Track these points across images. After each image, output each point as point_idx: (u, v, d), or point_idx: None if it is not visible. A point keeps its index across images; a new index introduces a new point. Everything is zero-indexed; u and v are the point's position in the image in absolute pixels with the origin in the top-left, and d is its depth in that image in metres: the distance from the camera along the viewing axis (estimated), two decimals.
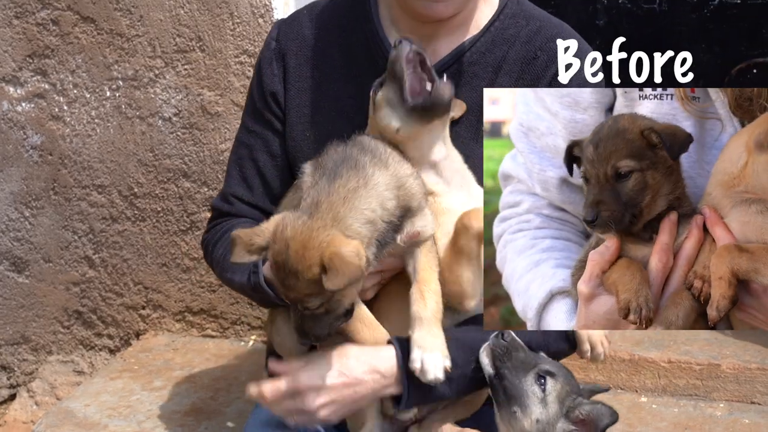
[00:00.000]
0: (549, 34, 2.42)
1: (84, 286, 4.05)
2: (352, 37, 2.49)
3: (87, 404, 3.50)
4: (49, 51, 3.80)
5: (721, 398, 3.32)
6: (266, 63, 2.55)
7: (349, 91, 2.48)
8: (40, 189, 3.97)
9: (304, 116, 2.52)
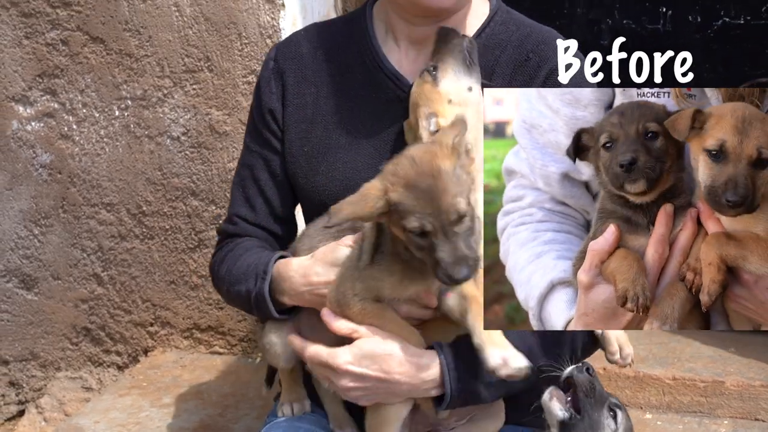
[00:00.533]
0: (539, 38, 2.45)
1: (92, 303, 4.09)
2: (347, 52, 2.54)
3: (96, 421, 3.53)
4: (59, 71, 3.84)
5: (725, 415, 3.34)
6: (264, 82, 2.59)
7: (345, 105, 2.51)
8: (49, 207, 4.01)
9: (301, 131, 2.55)
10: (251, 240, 2.60)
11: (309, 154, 2.54)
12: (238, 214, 2.62)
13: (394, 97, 2.46)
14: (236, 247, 2.58)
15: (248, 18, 3.56)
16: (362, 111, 2.50)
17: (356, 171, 2.45)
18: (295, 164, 2.56)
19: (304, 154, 2.54)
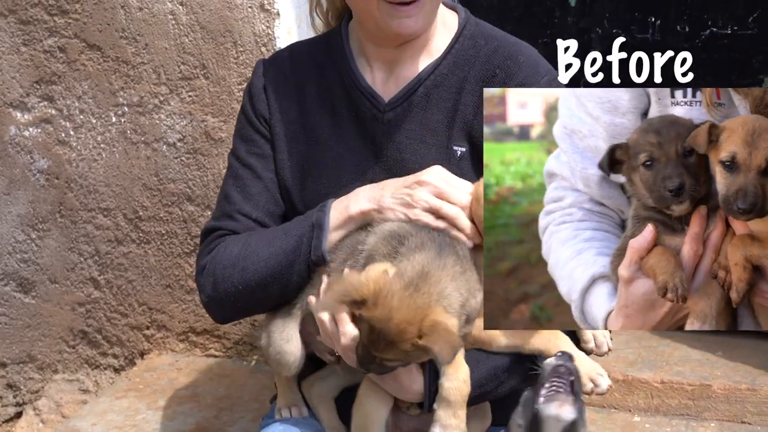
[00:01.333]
0: (506, 53, 2.49)
1: (89, 306, 4.13)
2: (327, 72, 2.59)
3: (94, 423, 3.57)
4: (56, 77, 3.88)
5: (711, 418, 3.39)
6: (258, 91, 2.63)
7: (326, 120, 2.56)
8: (46, 212, 4.05)
9: (285, 147, 2.59)
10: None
11: (294, 169, 2.59)
12: (240, 210, 2.58)
13: (371, 116, 2.52)
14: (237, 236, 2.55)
15: (243, 26, 3.60)
16: (343, 128, 2.55)
17: (340, 187, 2.49)
18: (281, 177, 2.60)
19: (290, 168, 2.59)
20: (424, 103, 2.49)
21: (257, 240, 2.48)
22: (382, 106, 2.51)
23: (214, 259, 2.53)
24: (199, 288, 2.60)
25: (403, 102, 2.50)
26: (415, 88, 2.50)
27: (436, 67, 2.50)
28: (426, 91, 2.49)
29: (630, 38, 3.55)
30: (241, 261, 2.47)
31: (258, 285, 2.46)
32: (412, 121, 2.50)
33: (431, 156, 2.46)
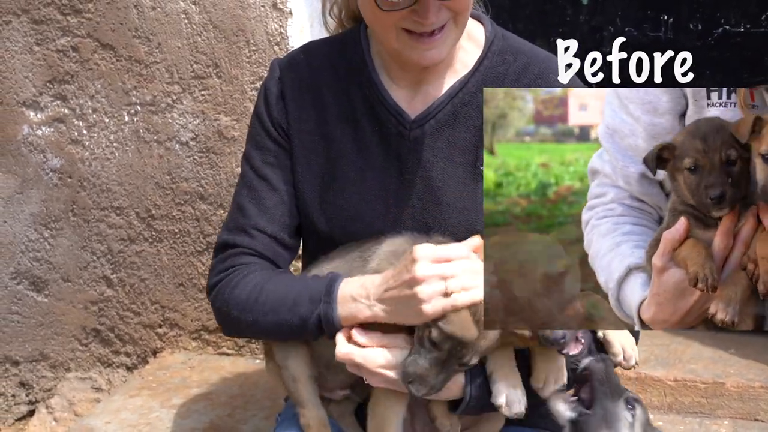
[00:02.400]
0: (537, 70, 2.43)
1: (102, 305, 4.14)
2: (347, 81, 2.51)
3: (108, 422, 3.57)
4: (69, 77, 3.89)
5: (725, 416, 3.39)
6: (275, 99, 2.54)
7: (348, 134, 2.49)
8: (59, 211, 4.05)
9: (303, 158, 2.52)
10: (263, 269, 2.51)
11: (314, 182, 2.52)
12: (256, 226, 2.51)
13: (396, 132, 2.46)
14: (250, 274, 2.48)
15: (256, 25, 3.60)
16: (367, 144, 2.48)
17: (365, 203, 2.46)
18: (298, 190, 2.54)
19: (308, 181, 2.52)
20: (451, 121, 2.44)
21: (266, 297, 2.41)
22: (408, 123, 2.44)
23: (224, 292, 2.49)
24: (211, 304, 2.58)
25: (431, 120, 2.44)
26: (442, 106, 2.43)
27: (465, 85, 2.44)
28: (454, 109, 2.44)
29: (642, 36, 3.55)
30: (249, 313, 2.43)
31: (267, 335, 2.49)
32: (439, 139, 2.44)
33: (458, 175, 2.42)
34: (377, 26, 2.34)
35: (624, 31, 3.56)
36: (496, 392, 2.22)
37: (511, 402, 2.21)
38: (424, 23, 2.24)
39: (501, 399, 2.21)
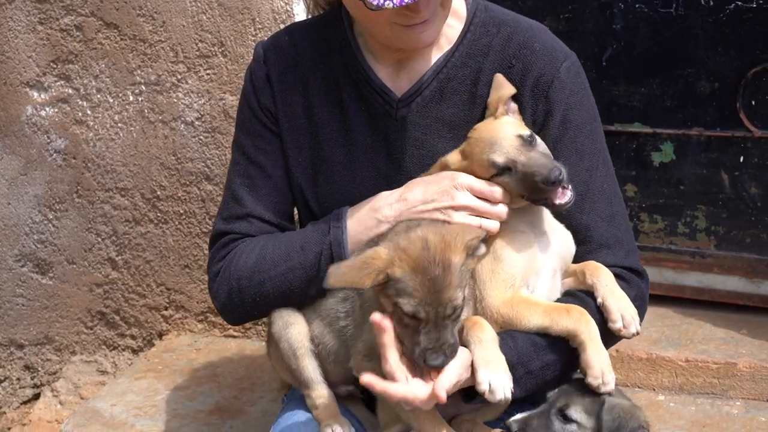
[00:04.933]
0: (521, 40, 2.39)
1: (107, 287, 4.11)
2: (332, 62, 2.47)
3: (113, 404, 3.56)
4: (73, 56, 3.85)
5: (737, 396, 3.36)
6: (261, 83, 2.52)
7: (335, 115, 2.47)
8: (63, 192, 4.03)
9: (293, 141, 2.50)
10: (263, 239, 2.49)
11: (303, 165, 2.50)
12: (252, 213, 2.50)
13: (383, 112, 2.44)
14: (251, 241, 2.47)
15: (262, 3, 3.56)
16: (353, 124, 2.46)
17: (354, 185, 2.45)
18: (293, 173, 2.52)
19: (299, 164, 2.50)
20: (438, 97, 2.41)
21: (273, 251, 2.41)
22: (395, 102, 2.42)
23: (229, 268, 2.47)
24: (212, 294, 2.55)
25: (417, 97, 2.41)
26: (428, 82, 2.41)
27: (449, 60, 2.41)
28: (439, 85, 2.41)
29: (653, 12, 3.51)
30: (257, 274, 2.42)
31: (277, 297, 2.42)
32: (427, 116, 2.42)
33: (448, 149, 2.37)
34: (367, 22, 2.32)
35: (635, 7, 3.51)
36: (479, 379, 2.15)
37: (495, 389, 2.14)
38: (415, 17, 2.22)
39: (484, 386, 2.14)
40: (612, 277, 2.30)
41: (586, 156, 2.40)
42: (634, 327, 2.26)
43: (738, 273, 3.66)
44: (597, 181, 2.40)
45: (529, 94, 2.38)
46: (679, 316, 3.70)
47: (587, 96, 2.44)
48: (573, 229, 2.38)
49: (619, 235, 2.42)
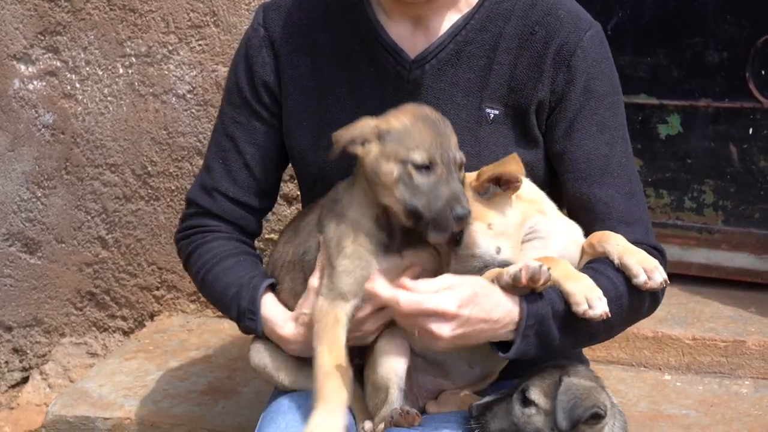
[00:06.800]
0: (545, 7, 2.31)
1: (97, 266, 4.03)
2: (341, 20, 2.39)
3: (102, 384, 3.48)
4: (61, 27, 3.77)
5: (746, 375, 3.29)
6: (256, 50, 2.44)
7: (344, 77, 2.39)
8: (52, 168, 3.94)
9: (298, 104, 2.43)
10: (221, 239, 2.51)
11: (308, 128, 2.42)
12: (218, 188, 2.49)
13: (395, 73, 2.34)
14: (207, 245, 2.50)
15: None
16: (363, 87, 2.38)
17: None
18: (293, 138, 2.45)
19: (303, 128, 2.43)
20: (454, 61, 2.31)
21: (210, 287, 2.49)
22: (408, 63, 2.32)
23: (182, 255, 2.59)
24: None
25: (432, 59, 2.31)
26: (445, 44, 2.31)
27: (468, 22, 2.31)
28: (457, 48, 2.31)
29: None
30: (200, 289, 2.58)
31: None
32: (441, 80, 2.33)
33: (461, 117, 2.30)
34: None
35: None
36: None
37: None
38: None
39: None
40: (621, 237, 2.21)
41: (608, 129, 2.32)
42: (659, 275, 2.14)
43: (746, 249, 3.61)
44: (617, 155, 2.32)
45: (550, 63, 2.29)
46: (685, 293, 3.63)
47: (610, 67, 2.36)
48: (592, 204, 2.30)
49: (638, 212, 2.34)
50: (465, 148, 2.24)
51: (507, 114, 2.31)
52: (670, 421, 3.06)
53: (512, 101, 2.30)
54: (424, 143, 2.05)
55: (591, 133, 2.28)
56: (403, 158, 2.05)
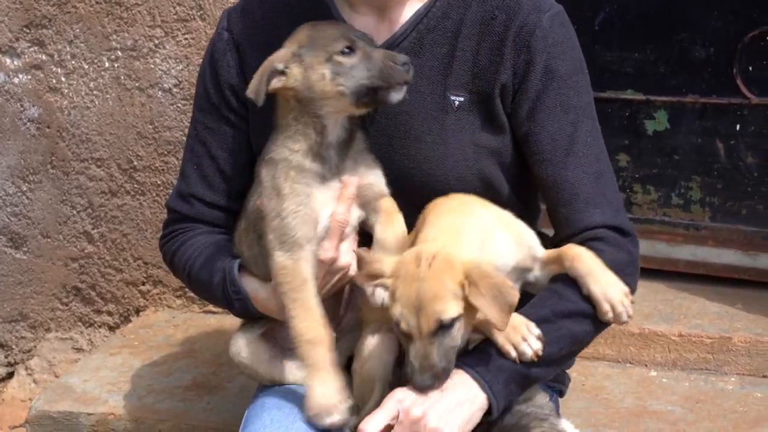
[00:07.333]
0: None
1: (83, 261, 4.01)
2: (304, 17, 2.35)
3: (86, 380, 3.46)
4: (47, 21, 3.75)
5: (732, 372, 3.27)
6: (220, 54, 2.44)
7: None
8: (37, 163, 3.93)
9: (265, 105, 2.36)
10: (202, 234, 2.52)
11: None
12: (194, 194, 2.49)
13: None
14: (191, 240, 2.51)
15: None
16: None
17: None
18: (261, 137, 2.41)
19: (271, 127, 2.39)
20: (417, 50, 2.30)
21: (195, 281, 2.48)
22: None
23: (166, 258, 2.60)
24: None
25: (395, 49, 2.29)
26: (407, 33, 2.30)
27: (430, 10, 2.30)
28: (419, 36, 2.30)
29: None
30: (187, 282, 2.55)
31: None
32: None
33: (426, 106, 2.29)
34: None
35: None
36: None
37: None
38: None
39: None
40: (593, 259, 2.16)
41: (572, 110, 2.27)
42: (625, 315, 2.13)
43: (733, 246, 3.59)
44: (582, 136, 2.28)
45: (510, 45, 2.26)
46: (672, 290, 3.62)
47: (573, 47, 2.32)
48: (559, 186, 2.26)
49: (607, 193, 2.30)
50: (431, 136, 2.26)
51: (472, 101, 2.29)
52: (656, 417, 3.04)
53: (476, 87, 2.28)
54: (334, 34, 2.16)
55: (555, 114, 2.25)
56: (327, 56, 2.14)
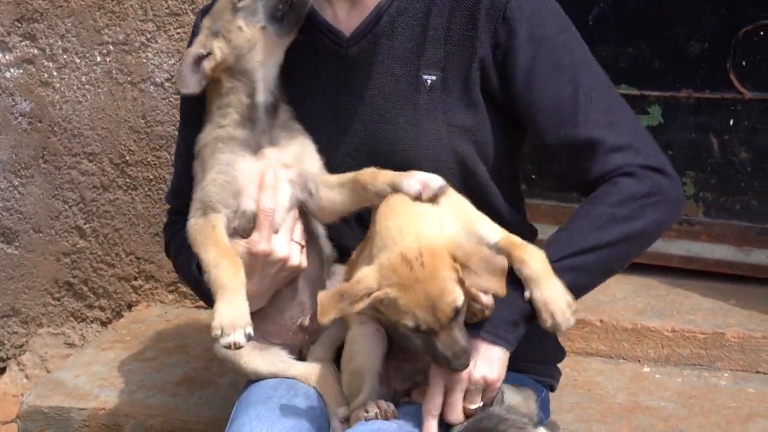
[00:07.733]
0: None
1: (75, 256, 4.00)
2: None
3: (77, 375, 3.44)
4: (38, 15, 3.74)
5: (725, 367, 3.26)
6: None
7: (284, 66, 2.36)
8: (29, 157, 3.91)
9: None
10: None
11: None
12: (182, 189, 2.48)
13: (333, 53, 2.34)
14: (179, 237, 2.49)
15: None
16: (301, 71, 2.36)
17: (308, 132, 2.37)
18: None
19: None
20: (389, 33, 2.30)
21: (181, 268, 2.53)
22: (344, 41, 2.32)
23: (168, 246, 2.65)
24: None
25: (367, 34, 2.31)
26: (378, 17, 2.30)
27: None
28: (390, 19, 2.30)
29: None
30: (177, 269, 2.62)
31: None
32: (379, 53, 2.31)
33: (400, 88, 2.29)
34: None
35: None
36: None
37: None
38: None
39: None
40: (541, 264, 2.11)
41: (567, 68, 2.23)
42: (565, 326, 2.09)
43: (727, 241, 3.57)
44: (585, 90, 2.22)
45: (484, 19, 2.23)
46: (665, 285, 3.60)
47: (552, 10, 2.28)
48: (577, 147, 2.22)
49: (629, 139, 2.23)
50: (404, 117, 2.26)
51: (445, 78, 2.27)
52: (649, 413, 3.03)
53: (450, 65, 2.27)
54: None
55: (551, 78, 2.22)
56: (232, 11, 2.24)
